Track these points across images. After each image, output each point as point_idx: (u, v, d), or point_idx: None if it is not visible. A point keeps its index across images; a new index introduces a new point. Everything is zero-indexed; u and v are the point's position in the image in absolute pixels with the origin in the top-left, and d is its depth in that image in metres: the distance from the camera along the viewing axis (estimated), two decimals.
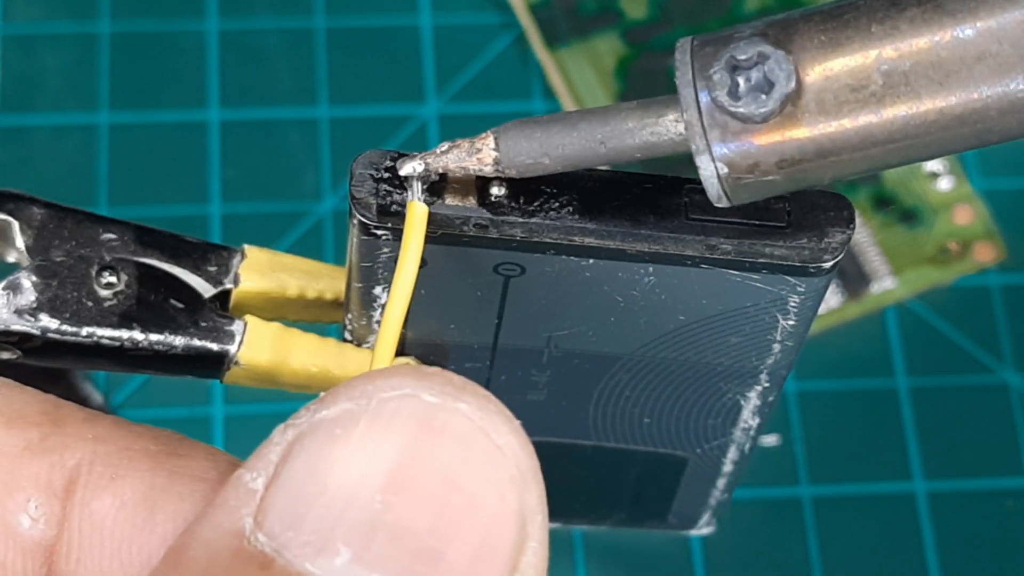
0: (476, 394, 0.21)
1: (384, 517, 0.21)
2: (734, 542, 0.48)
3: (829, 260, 0.26)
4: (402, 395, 0.21)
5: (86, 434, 0.24)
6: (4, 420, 0.24)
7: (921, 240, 0.51)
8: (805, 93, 0.23)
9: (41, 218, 0.28)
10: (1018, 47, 0.23)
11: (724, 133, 0.23)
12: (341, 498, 0.21)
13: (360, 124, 0.52)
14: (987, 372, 0.50)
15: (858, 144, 0.23)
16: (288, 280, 0.29)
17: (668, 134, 0.24)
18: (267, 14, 0.54)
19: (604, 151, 0.24)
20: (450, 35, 0.54)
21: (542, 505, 0.22)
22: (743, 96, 0.23)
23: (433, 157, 0.25)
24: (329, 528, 0.21)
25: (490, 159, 0.25)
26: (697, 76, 0.23)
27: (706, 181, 0.24)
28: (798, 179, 0.24)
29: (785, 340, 0.28)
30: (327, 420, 0.21)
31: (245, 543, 0.21)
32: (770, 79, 0.23)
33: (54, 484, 0.24)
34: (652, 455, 0.32)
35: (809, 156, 0.23)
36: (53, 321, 0.28)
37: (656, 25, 0.53)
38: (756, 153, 0.23)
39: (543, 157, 0.25)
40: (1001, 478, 0.49)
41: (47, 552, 0.24)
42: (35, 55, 0.53)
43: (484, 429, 0.21)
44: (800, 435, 0.49)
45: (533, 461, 0.22)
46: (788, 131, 0.23)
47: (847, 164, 0.24)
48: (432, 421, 0.21)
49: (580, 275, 0.26)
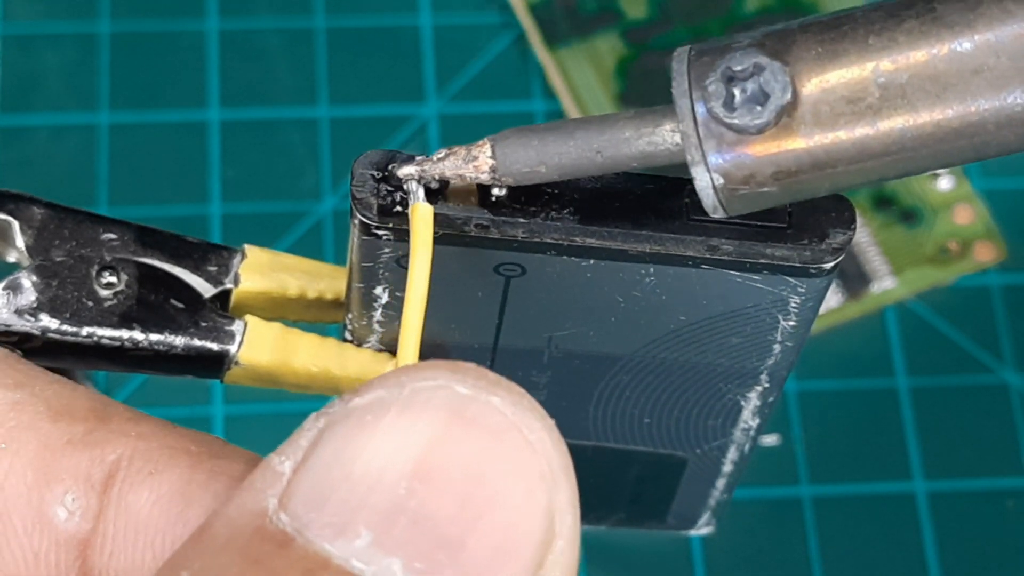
0: (511, 390, 0.22)
1: (408, 503, 0.21)
2: (734, 542, 0.48)
3: (830, 261, 0.26)
4: (435, 386, 0.21)
5: (129, 431, 0.24)
6: (51, 414, 0.24)
7: (921, 240, 0.51)
8: (801, 105, 0.23)
9: (41, 218, 0.28)
10: (1016, 60, 0.23)
11: (720, 144, 0.23)
12: (366, 483, 0.21)
13: (360, 124, 0.52)
14: (987, 372, 0.50)
15: (854, 156, 0.23)
16: (288, 280, 0.29)
17: (664, 144, 0.24)
18: (267, 14, 0.54)
19: (600, 160, 0.24)
20: (450, 35, 0.54)
21: (573, 505, 0.21)
22: (738, 107, 0.23)
23: (430, 164, 0.25)
24: (352, 511, 0.21)
25: (487, 167, 0.25)
26: (693, 87, 0.23)
27: (701, 192, 0.24)
28: (794, 190, 0.24)
29: (786, 341, 0.28)
30: (359, 407, 0.21)
31: (267, 522, 0.21)
32: (766, 91, 0.23)
33: (93, 477, 0.24)
34: (652, 455, 0.32)
35: (805, 168, 0.23)
36: (53, 321, 0.28)
37: (656, 25, 0.53)
38: (751, 164, 0.23)
39: (539, 166, 0.25)
40: (1001, 478, 0.49)
41: (82, 545, 0.24)
42: (35, 55, 0.53)
43: (516, 424, 0.21)
44: (800, 435, 0.49)
45: (566, 460, 0.21)
46: (784, 143, 0.23)
47: (843, 176, 0.24)
48: (463, 412, 0.21)
49: (581, 276, 0.26)
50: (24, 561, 0.24)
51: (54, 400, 0.25)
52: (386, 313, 0.27)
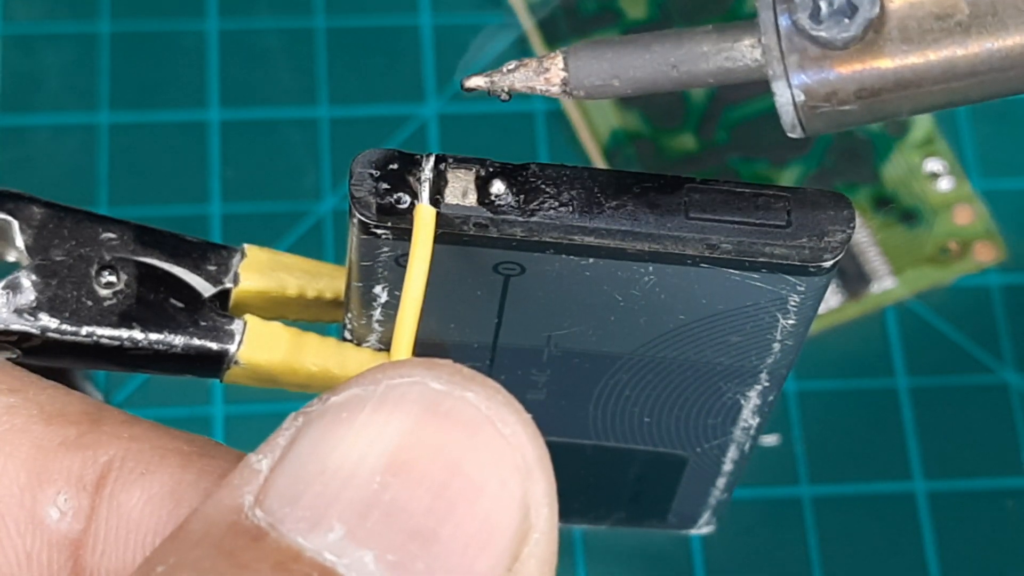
0: (485, 384, 0.22)
1: (381, 496, 0.21)
2: (734, 542, 0.48)
3: (829, 259, 0.26)
4: (410, 382, 0.21)
5: (122, 433, 0.25)
6: (45, 417, 0.25)
7: (921, 240, 0.51)
8: (889, 20, 0.23)
9: (41, 217, 0.28)
10: None
11: (803, 59, 0.23)
12: (340, 477, 0.21)
13: (360, 124, 0.52)
14: (987, 372, 0.50)
15: (940, 76, 0.23)
16: (288, 279, 0.29)
17: (743, 60, 0.24)
18: (267, 14, 0.54)
19: (676, 75, 0.24)
20: (450, 35, 0.54)
21: (550, 498, 0.22)
22: (825, 20, 0.23)
23: (499, 76, 0.25)
24: (325, 505, 0.21)
25: (558, 79, 0.24)
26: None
27: (781, 109, 0.23)
28: (875, 110, 0.23)
29: (785, 339, 0.28)
30: (335, 405, 0.22)
31: (242, 517, 0.21)
32: (854, 3, 0.22)
33: (85, 478, 0.24)
34: (652, 454, 0.32)
35: (889, 87, 0.23)
36: (53, 320, 0.28)
37: (656, 25, 0.53)
38: (835, 81, 0.23)
39: (613, 79, 0.24)
40: (1001, 478, 0.49)
41: (74, 545, 0.24)
42: (35, 55, 0.53)
43: (490, 418, 0.21)
44: (800, 435, 0.49)
45: (541, 453, 0.22)
46: (869, 59, 0.23)
47: (927, 96, 0.23)
48: (437, 407, 0.21)
49: (580, 274, 0.26)
50: (17, 561, 0.24)
51: (47, 404, 0.25)
52: (385, 312, 0.27)
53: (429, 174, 0.25)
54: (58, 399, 0.25)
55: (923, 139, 0.52)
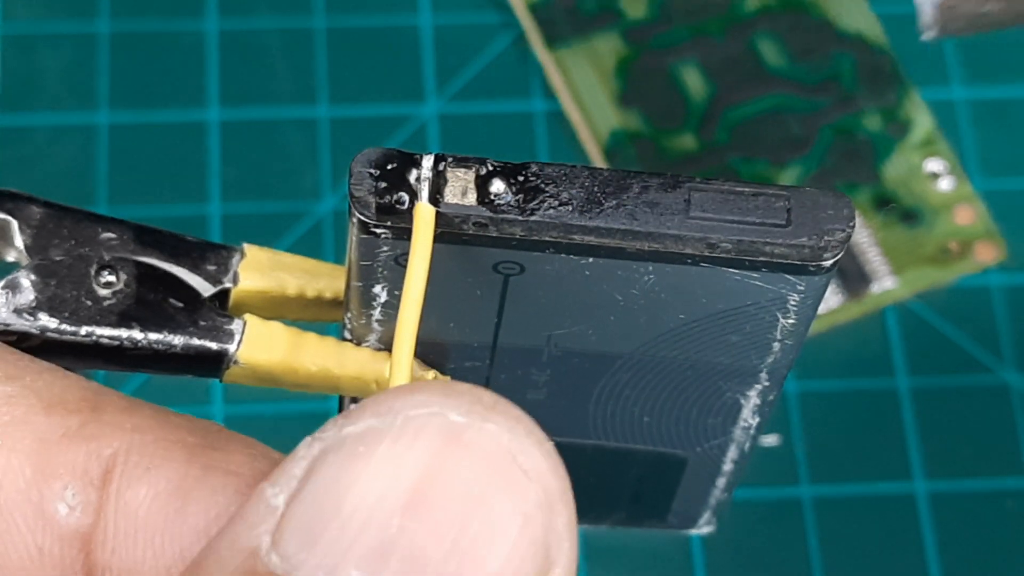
0: (506, 414, 0.21)
1: (399, 541, 0.20)
2: (734, 542, 0.48)
3: (829, 259, 0.26)
4: (428, 413, 0.21)
5: (124, 423, 0.24)
6: (44, 406, 0.24)
7: (921, 240, 0.51)
8: None
9: (40, 217, 0.28)
10: None
11: None
12: (358, 519, 0.20)
13: (360, 124, 0.52)
14: (987, 372, 0.50)
15: None
16: (288, 279, 0.29)
17: None
18: (267, 14, 0.54)
19: None
20: (450, 35, 0.54)
21: (570, 530, 0.21)
22: None
23: None
24: (342, 551, 0.20)
25: None
26: None
27: (921, 5, 0.23)
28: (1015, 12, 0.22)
29: (785, 339, 0.28)
30: (352, 436, 0.21)
31: (258, 564, 0.21)
32: None
33: (91, 472, 0.24)
34: (652, 454, 0.32)
35: None
36: (52, 320, 0.28)
37: (656, 25, 0.53)
38: None
39: None
40: (1001, 478, 0.49)
41: (84, 540, 0.24)
42: (35, 55, 0.53)
43: (511, 451, 0.21)
44: (800, 435, 0.49)
45: (563, 484, 0.21)
46: None
47: None
48: (457, 440, 0.21)
49: (580, 274, 0.26)
50: (29, 557, 0.24)
51: (45, 391, 0.25)
52: (385, 311, 0.27)
53: (429, 173, 0.25)
54: (56, 384, 0.25)
55: (924, 139, 0.52)
